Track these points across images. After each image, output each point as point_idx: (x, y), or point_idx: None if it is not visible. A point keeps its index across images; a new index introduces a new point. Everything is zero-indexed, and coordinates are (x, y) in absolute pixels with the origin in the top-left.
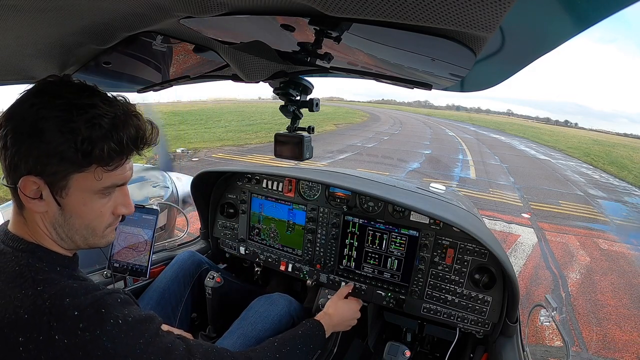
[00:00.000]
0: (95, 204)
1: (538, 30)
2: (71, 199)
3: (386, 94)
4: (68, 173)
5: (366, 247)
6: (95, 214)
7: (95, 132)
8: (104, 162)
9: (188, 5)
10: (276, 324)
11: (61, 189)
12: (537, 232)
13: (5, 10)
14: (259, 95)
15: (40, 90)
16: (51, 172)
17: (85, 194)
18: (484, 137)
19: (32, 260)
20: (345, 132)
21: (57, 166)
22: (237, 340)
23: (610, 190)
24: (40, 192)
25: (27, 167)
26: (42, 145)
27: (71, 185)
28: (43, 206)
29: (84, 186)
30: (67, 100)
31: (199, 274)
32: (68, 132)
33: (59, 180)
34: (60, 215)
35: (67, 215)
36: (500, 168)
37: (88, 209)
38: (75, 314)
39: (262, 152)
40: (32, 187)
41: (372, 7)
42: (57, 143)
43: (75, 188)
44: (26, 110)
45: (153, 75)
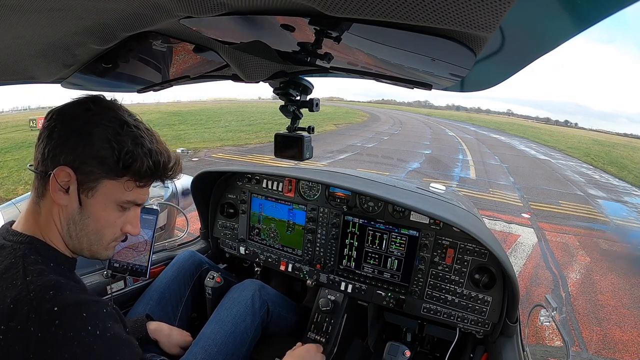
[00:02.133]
0: (112, 214)
1: (538, 30)
2: (95, 200)
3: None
4: (101, 177)
5: (366, 247)
6: (108, 223)
7: (138, 149)
8: (138, 177)
9: (188, 5)
10: (249, 306)
11: (89, 189)
12: (537, 232)
13: (5, 10)
14: (259, 95)
15: (97, 99)
16: (86, 172)
17: (108, 200)
18: (484, 137)
19: (28, 252)
20: (345, 132)
21: (94, 167)
22: (215, 326)
23: (610, 190)
24: (68, 186)
25: (66, 160)
26: (87, 146)
27: (99, 188)
28: (66, 200)
29: (110, 193)
30: (119, 115)
31: (199, 274)
32: (115, 142)
33: (90, 180)
34: (78, 213)
35: (85, 215)
36: (500, 168)
37: (105, 215)
38: (54, 309)
39: (262, 152)
40: (64, 179)
41: (372, 7)
42: (102, 148)
43: (102, 192)
44: (81, 112)
45: (153, 75)
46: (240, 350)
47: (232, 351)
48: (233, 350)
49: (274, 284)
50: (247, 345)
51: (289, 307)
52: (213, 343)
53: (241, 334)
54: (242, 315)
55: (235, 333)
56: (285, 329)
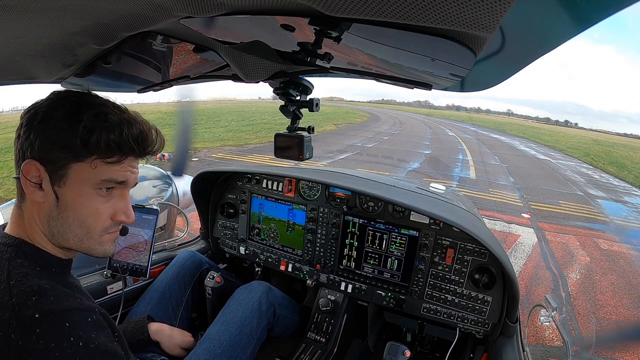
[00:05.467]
0: (92, 200)
1: (538, 30)
2: (68, 189)
3: (386, 94)
4: (68, 161)
5: (366, 247)
6: (90, 210)
7: (99, 124)
8: (102, 153)
9: (188, 5)
10: (256, 309)
11: (60, 177)
12: (537, 232)
13: (5, 10)
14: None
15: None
16: (52, 159)
17: (82, 185)
18: (484, 137)
19: (15, 255)
20: (345, 132)
21: (57, 153)
22: (221, 327)
23: (610, 190)
24: (41, 181)
25: (32, 153)
26: (47, 131)
27: (69, 174)
28: (41, 196)
29: (81, 177)
30: (80, 97)
31: (200, 274)
32: (73, 121)
33: (58, 168)
34: (55, 208)
35: (62, 207)
36: (500, 168)
37: (83, 202)
38: (35, 316)
39: (262, 152)
40: (34, 173)
41: (372, 7)
42: (61, 130)
43: (73, 178)
44: (42, 103)
45: (153, 75)
46: (245, 352)
47: (237, 353)
48: (238, 352)
49: (274, 284)
50: (251, 348)
51: (294, 308)
52: (218, 344)
53: (246, 336)
54: (249, 318)
55: (240, 335)
56: (289, 331)
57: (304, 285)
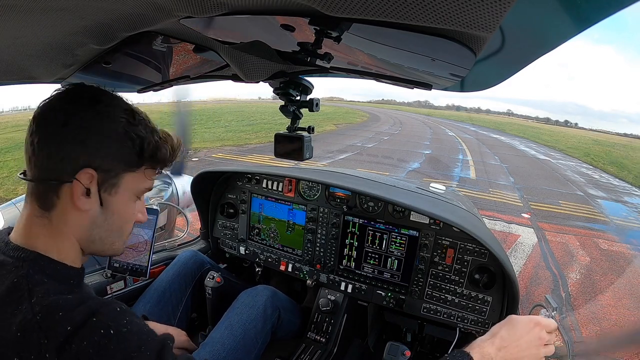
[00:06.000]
0: (132, 207)
1: (538, 30)
2: (118, 197)
3: (386, 94)
4: (122, 171)
5: (366, 247)
6: (130, 216)
7: (155, 137)
8: (153, 164)
9: (188, 5)
10: (261, 313)
11: (112, 186)
12: (537, 232)
13: (5, 10)
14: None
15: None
16: (107, 169)
17: (130, 194)
18: (484, 137)
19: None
20: (345, 132)
21: (115, 163)
22: (225, 331)
23: (610, 190)
24: (89, 189)
25: (85, 160)
26: (105, 142)
27: (121, 184)
28: (88, 204)
29: (132, 186)
30: (125, 104)
31: (201, 274)
32: (133, 133)
33: (112, 177)
34: (101, 214)
35: (109, 214)
36: (500, 168)
37: (128, 210)
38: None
39: (262, 152)
40: (87, 182)
41: (372, 7)
42: (121, 142)
43: (124, 187)
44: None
45: (153, 75)
46: (249, 356)
47: (241, 357)
48: (242, 356)
49: (273, 284)
50: (255, 352)
51: (296, 311)
52: (222, 348)
53: (251, 340)
54: (253, 322)
55: (245, 339)
56: (291, 333)
57: (304, 285)
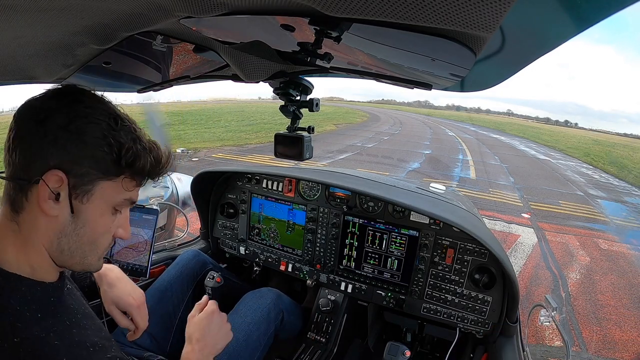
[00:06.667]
0: (107, 219)
1: (538, 30)
2: (91, 206)
3: (386, 94)
4: (97, 178)
5: (366, 247)
6: (104, 229)
7: (137, 145)
8: (138, 175)
9: (188, 5)
10: (265, 316)
11: (84, 193)
12: (537, 232)
13: (5, 10)
14: (259, 95)
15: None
16: (80, 174)
17: (104, 204)
18: (484, 137)
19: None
20: (345, 132)
21: (89, 168)
22: None
23: (610, 190)
24: (58, 193)
25: (56, 162)
26: (80, 144)
27: (95, 191)
28: (57, 209)
29: (107, 196)
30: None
31: (203, 273)
32: (112, 139)
33: (84, 183)
34: (70, 223)
35: (80, 224)
36: (500, 168)
37: (102, 221)
38: None
39: (262, 152)
40: (55, 185)
41: (372, 7)
42: (98, 146)
43: (99, 196)
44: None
45: (153, 75)
46: (251, 359)
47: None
48: (244, 358)
49: (274, 284)
50: (258, 354)
51: (299, 313)
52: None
53: (254, 342)
54: (257, 324)
55: (248, 341)
56: (292, 334)
57: (304, 285)
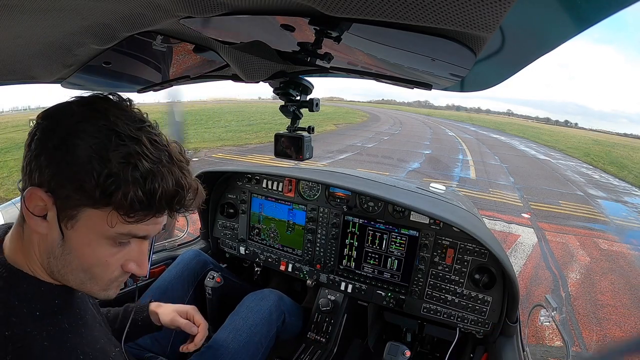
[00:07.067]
0: (102, 251)
1: (538, 30)
2: (76, 234)
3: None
4: (81, 204)
5: (366, 247)
6: (97, 261)
7: (127, 172)
8: (123, 210)
9: (188, 5)
10: (267, 317)
11: (69, 218)
12: (537, 232)
13: (5, 10)
14: (259, 95)
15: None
16: (63, 196)
17: (92, 235)
18: (484, 137)
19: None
20: (345, 132)
21: (72, 192)
22: (229, 334)
23: (610, 190)
24: (46, 212)
25: (41, 179)
26: (63, 164)
27: (80, 218)
28: (44, 227)
29: (93, 226)
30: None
31: (204, 273)
32: (98, 161)
33: (69, 208)
34: (59, 247)
35: (67, 250)
36: (500, 168)
37: (90, 253)
38: None
39: (262, 152)
40: (38, 203)
41: (372, 7)
42: (82, 168)
43: (84, 224)
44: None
45: (153, 75)
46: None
47: None
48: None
49: (274, 284)
50: (259, 356)
51: (300, 313)
52: (226, 352)
53: (255, 344)
54: (259, 326)
55: (249, 343)
56: (293, 335)
57: (304, 285)
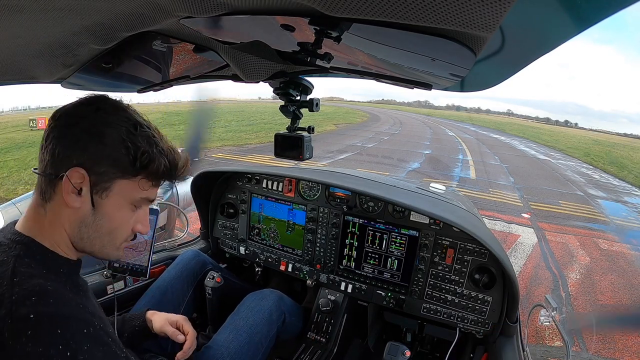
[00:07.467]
0: (126, 213)
1: (538, 31)
2: (109, 201)
3: (386, 94)
4: (115, 177)
5: (366, 247)
6: (122, 222)
7: (153, 149)
8: (154, 176)
9: (188, 5)
10: (267, 317)
11: (103, 190)
12: (537, 232)
13: (5, 10)
14: (259, 95)
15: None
16: (99, 172)
17: (122, 200)
18: (484, 137)
19: (23, 253)
20: (345, 132)
21: (108, 168)
22: (230, 335)
23: (610, 190)
24: (81, 187)
25: (79, 161)
26: (100, 146)
27: (114, 189)
28: (79, 202)
29: (125, 193)
30: (131, 115)
31: (203, 273)
32: (130, 142)
33: (104, 181)
34: (91, 215)
35: (99, 216)
36: (500, 168)
37: (119, 216)
38: (30, 316)
39: (262, 152)
40: (78, 180)
41: (372, 7)
42: (116, 148)
43: (116, 192)
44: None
45: (153, 75)
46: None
47: None
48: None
49: (274, 284)
50: (260, 356)
51: (301, 313)
52: (227, 352)
53: (255, 344)
54: (259, 326)
55: (250, 343)
56: (293, 335)
57: (304, 285)
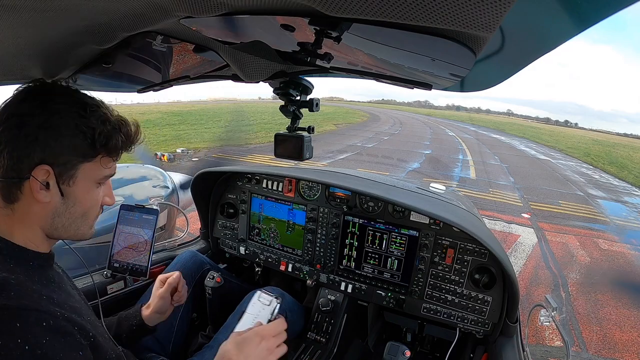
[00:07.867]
0: (94, 193)
1: (538, 30)
2: (77, 187)
3: (386, 94)
4: (78, 163)
5: (366, 247)
6: (93, 202)
7: (107, 127)
8: (114, 153)
9: (188, 5)
10: None
11: (69, 178)
12: (537, 232)
13: (5, 10)
14: (259, 95)
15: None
16: (62, 163)
17: (89, 182)
18: (484, 137)
19: None
20: (345, 132)
21: (69, 156)
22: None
23: (610, 190)
24: (47, 182)
25: (40, 157)
26: (58, 138)
27: (78, 174)
28: (48, 196)
29: (89, 175)
30: (78, 99)
31: (201, 274)
32: (85, 126)
33: (68, 169)
34: (62, 204)
35: (70, 203)
36: (500, 168)
37: (89, 197)
38: None
39: (262, 152)
40: (43, 177)
41: (372, 7)
42: (73, 136)
43: (82, 177)
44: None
45: (153, 75)
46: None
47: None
48: None
49: (274, 284)
50: None
51: (301, 312)
52: None
53: None
54: None
55: None
56: (294, 334)
57: (304, 285)
